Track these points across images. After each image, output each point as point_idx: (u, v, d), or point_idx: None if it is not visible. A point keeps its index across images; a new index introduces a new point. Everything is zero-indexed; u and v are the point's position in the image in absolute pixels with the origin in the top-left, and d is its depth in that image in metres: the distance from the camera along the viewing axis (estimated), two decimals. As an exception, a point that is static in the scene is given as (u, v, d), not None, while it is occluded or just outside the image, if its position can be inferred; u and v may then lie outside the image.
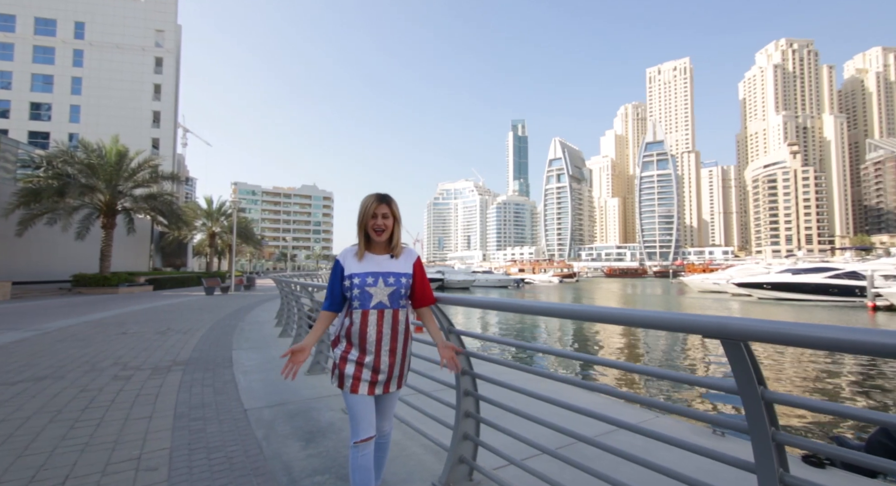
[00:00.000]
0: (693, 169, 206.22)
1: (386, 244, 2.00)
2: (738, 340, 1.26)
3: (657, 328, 1.46)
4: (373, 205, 1.94)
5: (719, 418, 1.49)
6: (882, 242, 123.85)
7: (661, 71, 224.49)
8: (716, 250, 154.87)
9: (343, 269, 1.94)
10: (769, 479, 1.27)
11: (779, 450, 1.28)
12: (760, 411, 1.28)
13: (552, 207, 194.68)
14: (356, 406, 1.88)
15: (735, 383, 1.31)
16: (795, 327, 1.16)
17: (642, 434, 1.63)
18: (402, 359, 1.98)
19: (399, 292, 1.96)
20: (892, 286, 27.27)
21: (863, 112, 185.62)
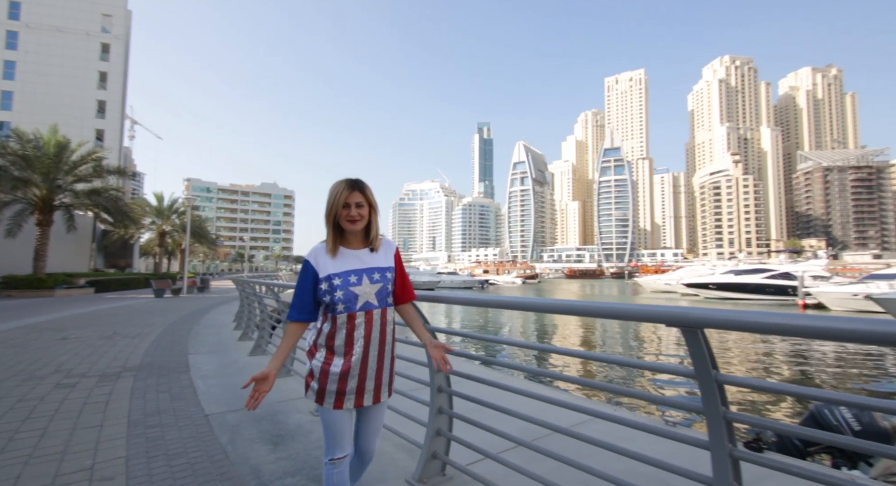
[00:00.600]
0: (647, 175, 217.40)
1: (363, 236, 1.75)
2: (696, 327, 1.38)
3: (628, 319, 1.58)
4: (343, 192, 1.67)
5: (678, 400, 1.63)
6: (811, 245, 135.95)
7: (619, 81, 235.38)
8: (667, 252, 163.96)
9: (316, 271, 1.66)
10: (720, 453, 1.39)
11: (728, 427, 1.40)
12: (714, 391, 1.40)
13: (516, 209, 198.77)
14: (336, 425, 1.67)
15: (693, 368, 1.44)
16: (744, 315, 1.30)
17: (615, 422, 1.74)
18: (391, 363, 1.78)
19: (386, 288, 1.74)
20: (819, 286, 30.05)
21: (795, 126, 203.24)
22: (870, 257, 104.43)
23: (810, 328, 1.17)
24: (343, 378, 1.64)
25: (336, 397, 1.63)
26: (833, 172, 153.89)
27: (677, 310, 1.40)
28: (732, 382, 1.42)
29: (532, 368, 2.69)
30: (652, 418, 3.91)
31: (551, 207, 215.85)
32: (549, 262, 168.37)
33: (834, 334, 1.14)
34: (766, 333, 1.27)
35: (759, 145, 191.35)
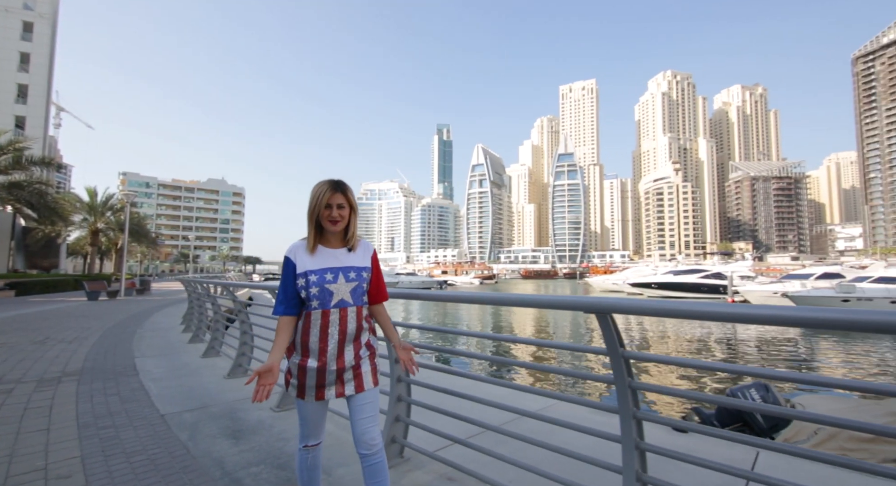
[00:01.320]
0: (598, 180, 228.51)
1: (341, 236, 1.81)
2: (606, 312, 1.68)
3: (556, 308, 1.90)
4: (326, 194, 1.73)
5: (598, 376, 1.96)
6: (740, 247, 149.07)
7: (572, 89, 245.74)
8: (615, 253, 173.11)
9: (295, 266, 1.72)
10: (626, 415, 1.73)
11: (633, 393, 1.75)
12: (621, 364, 1.73)
13: (474, 210, 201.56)
14: (312, 415, 1.75)
15: (605, 347, 1.78)
16: (640, 302, 1.66)
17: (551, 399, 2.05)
18: (371, 355, 1.84)
19: (361, 287, 1.79)
20: (745, 285, 33.19)
21: (727, 138, 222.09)
22: (789, 259, 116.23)
23: (686, 311, 1.51)
24: (320, 373, 1.69)
25: (317, 391, 1.70)
26: (759, 181, 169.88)
27: (592, 300, 1.70)
28: (635, 357, 1.75)
29: (484, 354, 2.97)
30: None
31: (508, 209, 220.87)
32: (506, 263, 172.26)
33: (698, 315, 1.48)
34: (656, 316, 1.61)
35: (696, 155, 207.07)
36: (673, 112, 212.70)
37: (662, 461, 2.40)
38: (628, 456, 1.71)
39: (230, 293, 5.03)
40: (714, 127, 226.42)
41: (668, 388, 1.76)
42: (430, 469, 2.62)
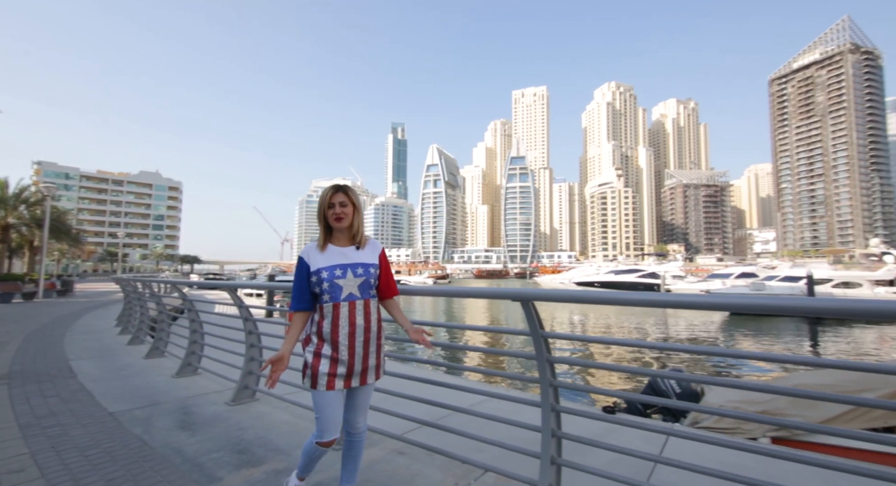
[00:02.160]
0: (547, 183, 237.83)
1: (348, 234, 1.98)
2: (528, 300, 2.07)
3: (487, 298, 2.27)
4: (329, 195, 1.94)
5: (521, 353, 2.36)
6: (673, 249, 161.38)
7: (525, 94, 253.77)
8: (563, 254, 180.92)
9: (308, 266, 1.90)
10: (545, 385, 2.14)
11: (551, 366, 2.16)
12: (541, 344, 2.13)
13: (428, 210, 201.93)
14: (327, 407, 1.86)
15: (528, 329, 2.17)
16: (554, 292, 2.07)
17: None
18: (378, 349, 1.96)
19: (369, 282, 1.92)
20: (676, 283, 36.27)
21: (664, 148, 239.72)
22: (714, 260, 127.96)
23: (592, 298, 1.97)
24: (333, 362, 1.84)
25: (328, 380, 1.84)
26: (690, 188, 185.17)
27: (516, 290, 2.08)
28: (551, 336, 2.15)
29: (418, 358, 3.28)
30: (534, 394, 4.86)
31: (462, 209, 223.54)
32: (459, 263, 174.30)
33: (601, 300, 1.94)
34: (567, 302, 2.01)
35: (637, 163, 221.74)
36: (616, 121, 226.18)
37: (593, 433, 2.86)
38: (546, 435, 2.12)
39: (180, 292, 4.97)
40: (652, 137, 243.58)
41: (580, 361, 2.19)
42: (383, 447, 2.91)
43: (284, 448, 2.87)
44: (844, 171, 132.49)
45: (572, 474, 2.20)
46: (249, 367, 3.98)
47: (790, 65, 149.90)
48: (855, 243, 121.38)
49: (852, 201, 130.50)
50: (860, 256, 40.22)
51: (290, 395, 3.81)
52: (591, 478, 2.01)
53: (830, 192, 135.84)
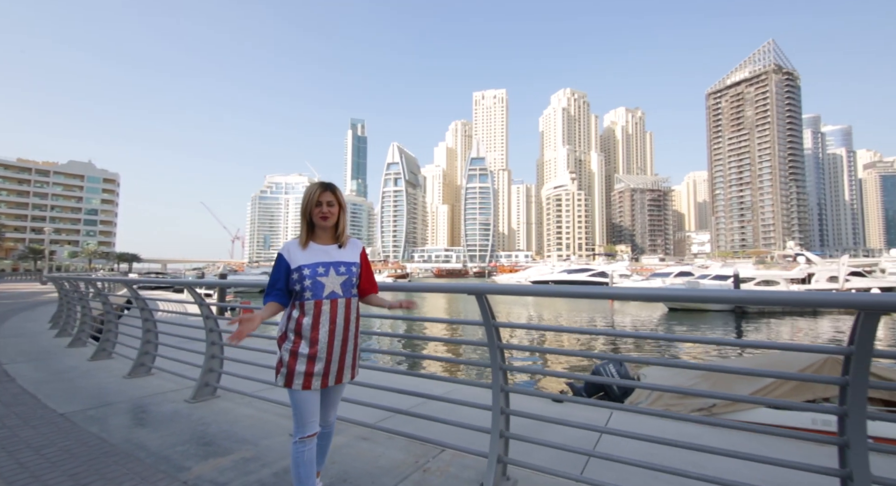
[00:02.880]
0: (506, 185, 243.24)
1: (332, 233, 1.96)
2: (482, 293, 2.35)
3: (445, 292, 2.54)
4: (317, 192, 1.91)
5: (473, 341, 2.65)
6: (621, 249, 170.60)
7: (485, 96, 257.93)
8: (520, 253, 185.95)
9: (288, 263, 1.88)
10: (496, 369, 2.41)
11: (501, 352, 2.45)
12: (492, 332, 2.42)
13: (389, 209, 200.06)
14: (304, 404, 1.84)
15: (482, 320, 2.45)
16: (505, 286, 2.37)
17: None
18: (355, 348, 1.97)
19: (351, 280, 1.91)
20: (622, 282, 38.53)
21: (614, 153, 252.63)
22: (657, 260, 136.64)
23: (532, 291, 2.26)
24: (311, 360, 1.82)
25: (304, 379, 1.81)
26: (637, 192, 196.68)
27: (471, 284, 2.37)
28: (501, 325, 2.46)
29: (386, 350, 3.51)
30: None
31: (423, 209, 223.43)
32: (419, 262, 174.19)
33: (547, 293, 2.24)
34: (516, 295, 2.31)
35: (589, 167, 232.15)
36: (571, 126, 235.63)
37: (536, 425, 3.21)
38: (496, 416, 2.41)
39: (133, 291, 4.84)
40: (603, 142, 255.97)
41: (526, 346, 2.52)
42: (348, 434, 3.10)
43: (251, 439, 2.99)
44: (768, 180, 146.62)
45: (524, 447, 2.52)
46: (210, 364, 4.00)
47: (724, 81, 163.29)
48: (775, 245, 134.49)
49: (774, 208, 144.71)
50: (779, 256, 44.88)
51: (252, 391, 3.88)
52: (539, 449, 2.34)
53: (756, 198, 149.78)
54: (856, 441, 1.64)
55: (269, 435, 3.06)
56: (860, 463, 1.63)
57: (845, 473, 1.67)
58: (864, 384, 1.62)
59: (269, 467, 2.57)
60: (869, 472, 1.62)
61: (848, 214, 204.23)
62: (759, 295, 1.93)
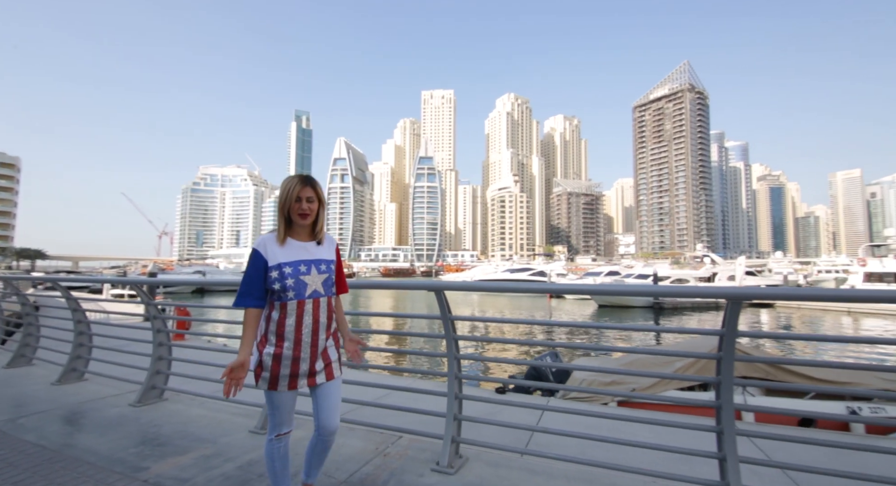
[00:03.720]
0: (453, 185, 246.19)
1: (310, 229, 1.87)
2: (440, 290, 2.63)
3: (405, 289, 2.81)
4: (296, 187, 1.79)
5: (432, 333, 2.93)
6: (559, 250, 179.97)
7: (433, 96, 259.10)
8: (466, 253, 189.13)
9: (266, 260, 1.76)
10: (451, 359, 2.71)
11: (455, 343, 2.74)
12: (449, 325, 2.72)
13: (335, 206, 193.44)
14: (284, 405, 1.80)
15: (440, 314, 2.73)
16: (460, 283, 2.67)
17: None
18: (336, 342, 1.96)
19: (331, 279, 1.87)
20: (559, 281, 40.89)
21: (553, 158, 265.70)
22: (590, 260, 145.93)
23: (486, 287, 2.57)
24: (296, 362, 1.76)
25: (290, 381, 1.76)
26: (573, 196, 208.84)
27: (430, 282, 2.64)
28: (457, 318, 2.76)
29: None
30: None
31: (370, 206, 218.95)
32: (366, 261, 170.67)
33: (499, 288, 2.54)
34: (467, 290, 2.64)
35: (531, 170, 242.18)
36: (515, 130, 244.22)
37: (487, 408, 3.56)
38: (451, 402, 2.71)
39: (64, 292, 4.50)
40: (544, 147, 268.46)
41: (479, 337, 2.85)
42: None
43: (208, 437, 3.02)
44: (682, 188, 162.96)
45: (476, 428, 2.84)
46: (158, 366, 3.89)
47: (648, 96, 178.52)
48: (688, 248, 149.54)
49: (687, 213, 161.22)
50: (690, 258, 50.30)
51: (205, 392, 3.84)
52: (489, 429, 2.67)
53: (673, 205, 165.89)
54: (727, 403, 2.16)
55: (227, 433, 3.11)
56: (728, 420, 2.14)
57: (718, 429, 2.17)
58: (731, 357, 2.14)
59: (233, 461, 2.65)
60: (734, 427, 2.13)
61: (744, 221, 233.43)
62: (659, 289, 2.40)
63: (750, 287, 1.89)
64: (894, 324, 23.12)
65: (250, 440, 3.00)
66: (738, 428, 2.14)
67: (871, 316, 25.28)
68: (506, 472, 2.53)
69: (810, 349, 13.86)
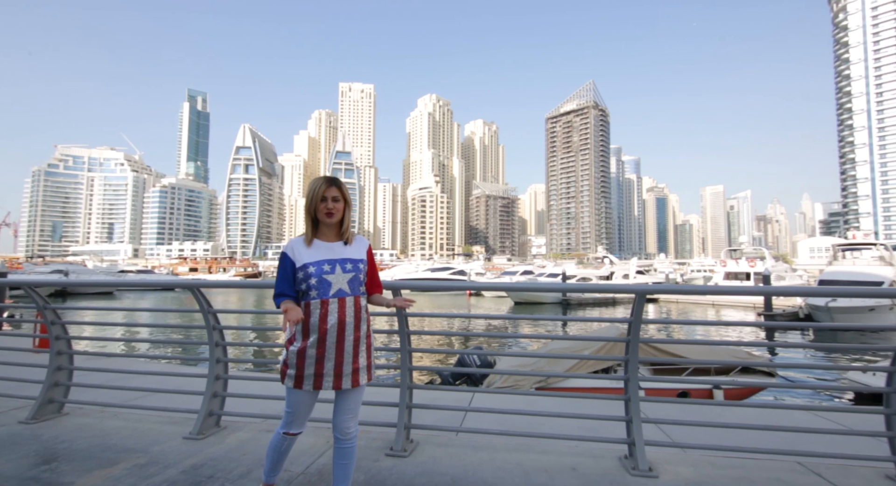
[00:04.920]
0: (372, 182, 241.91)
1: (337, 229, 1.93)
2: (397, 289, 2.78)
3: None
4: (322, 188, 1.86)
5: (380, 329, 3.08)
6: (477, 250, 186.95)
7: (352, 89, 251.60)
8: (385, 252, 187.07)
9: (293, 262, 1.83)
10: (405, 354, 2.90)
11: (408, 337, 2.93)
12: (404, 320, 2.89)
13: (237, 199, 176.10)
14: (302, 404, 1.83)
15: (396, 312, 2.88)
16: (404, 283, 2.84)
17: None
18: (367, 348, 1.92)
19: (358, 278, 1.87)
20: (478, 279, 42.70)
21: (472, 161, 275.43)
22: (506, 260, 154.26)
23: (408, 285, 2.80)
24: (320, 361, 1.79)
25: (315, 380, 1.79)
26: (491, 199, 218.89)
27: (388, 282, 2.78)
28: (410, 315, 2.95)
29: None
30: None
31: (280, 201, 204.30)
32: (274, 259, 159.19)
33: (420, 287, 2.79)
34: (408, 289, 2.81)
35: (451, 172, 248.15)
36: (436, 131, 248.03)
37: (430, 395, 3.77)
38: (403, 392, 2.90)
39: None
40: (464, 150, 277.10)
41: (427, 331, 3.06)
42: (249, 429, 3.15)
43: (137, 447, 2.80)
44: (587, 195, 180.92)
45: (421, 414, 3.05)
46: (55, 377, 3.43)
47: (559, 109, 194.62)
48: (590, 249, 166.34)
49: (590, 218, 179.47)
50: (592, 258, 56.23)
51: (119, 401, 3.49)
52: (431, 414, 2.90)
53: (578, 210, 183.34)
54: (633, 375, 2.67)
55: (158, 442, 2.91)
56: (633, 389, 2.66)
57: (626, 397, 2.68)
58: (636, 341, 2.66)
59: (173, 467, 2.52)
60: (638, 393, 2.65)
61: (636, 226, 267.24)
62: (574, 286, 2.87)
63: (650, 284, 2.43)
64: (744, 313, 28.45)
65: (187, 445, 2.85)
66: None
67: (729, 307, 30.71)
68: (453, 450, 2.80)
69: (683, 335, 16.52)
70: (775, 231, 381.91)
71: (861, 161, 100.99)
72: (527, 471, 2.52)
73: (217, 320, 3.22)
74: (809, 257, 74.44)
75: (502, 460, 2.67)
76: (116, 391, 3.78)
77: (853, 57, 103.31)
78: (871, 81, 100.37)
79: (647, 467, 2.50)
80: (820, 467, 2.57)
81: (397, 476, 2.45)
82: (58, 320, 3.47)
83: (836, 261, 27.85)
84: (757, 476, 2.46)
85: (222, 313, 3.21)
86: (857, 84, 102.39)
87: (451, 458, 2.68)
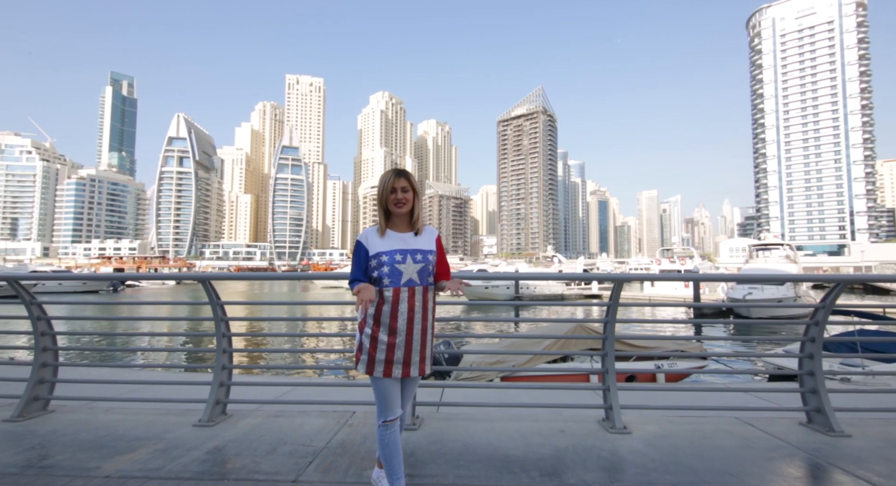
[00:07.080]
0: (322, 179, 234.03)
1: (407, 219, 1.99)
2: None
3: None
4: (391, 179, 1.93)
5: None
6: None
7: (300, 81, 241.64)
8: (335, 252, 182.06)
9: (367, 250, 1.91)
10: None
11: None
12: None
13: (169, 194, 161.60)
14: (387, 390, 1.87)
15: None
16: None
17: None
18: (431, 338, 1.98)
19: (427, 269, 1.92)
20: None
21: (426, 160, 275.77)
22: (458, 259, 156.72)
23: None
24: (390, 348, 1.85)
25: (385, 366, 1.85)
26: (444, 199, 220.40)
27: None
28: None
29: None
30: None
31: (218, 197, 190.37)
32: (212, 259, 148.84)
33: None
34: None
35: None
36: (389, 129, 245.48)
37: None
38: None
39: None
40: (417, 149, 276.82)
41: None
42: (256, 415, 3.28)
43: (150, 436, 2.85)
44: (535, 197, 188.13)
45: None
46: (41, 374, 3.31)
47: (510, 112, 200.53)
48: (540, 249, 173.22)
49: (539, 219, 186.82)
50: (542, 257, 58.96)
51: (113, 395, 3.44)
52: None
53: (528, 211, 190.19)
54: (610, 350, 3.16)
55: (169, 430, 2.96)
56: (610, 363, 3.15)
57: (604, 369, 3.17)
58: (614, 322, 3.15)
59: (197, 449, 2.62)
60: (614, 365, 3.15)
61: (580, 227, 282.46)
62: (564, 275, 3.36)
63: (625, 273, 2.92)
64: (675, 310, 31.37)
65: (201, 431, 2.93)
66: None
67: (664, 307, 33.61)
68: (456, 423, 3.13)
69: (621, 327, 18.03)
70: (701, 232, 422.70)
71: (772, 171, 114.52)
72: (524, 434, 2.92)
73: (224, 312, 3.31)
74: (729, 256, 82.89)
75: (502, 428, 3.04)
76: (104, 387, 3.70)
77: (766, 78, 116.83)
78: (780, 100, 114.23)
79: (623, 425, 2.99)
80: (752, 419, 3.23)
81: (414, 444, 2.73)
82: (43, 316, 3.35)
83: (751, 259, 31.81)
84: (706, 428, 3.05)
85: (229, 304, 3.31)
86: (768, 102, 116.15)
87: (457, 429, 3.01)
